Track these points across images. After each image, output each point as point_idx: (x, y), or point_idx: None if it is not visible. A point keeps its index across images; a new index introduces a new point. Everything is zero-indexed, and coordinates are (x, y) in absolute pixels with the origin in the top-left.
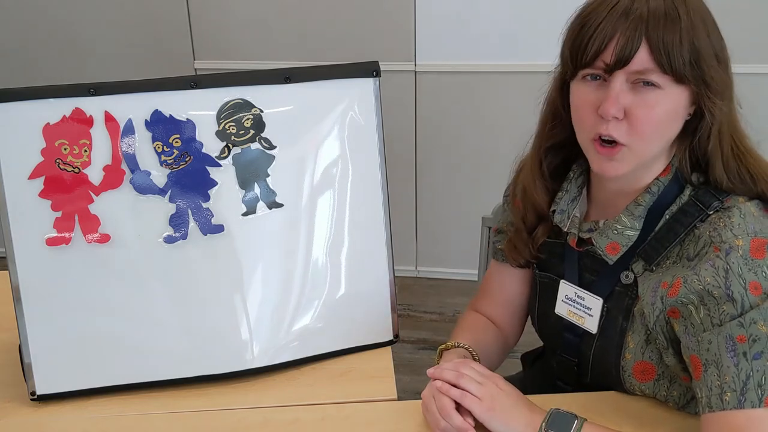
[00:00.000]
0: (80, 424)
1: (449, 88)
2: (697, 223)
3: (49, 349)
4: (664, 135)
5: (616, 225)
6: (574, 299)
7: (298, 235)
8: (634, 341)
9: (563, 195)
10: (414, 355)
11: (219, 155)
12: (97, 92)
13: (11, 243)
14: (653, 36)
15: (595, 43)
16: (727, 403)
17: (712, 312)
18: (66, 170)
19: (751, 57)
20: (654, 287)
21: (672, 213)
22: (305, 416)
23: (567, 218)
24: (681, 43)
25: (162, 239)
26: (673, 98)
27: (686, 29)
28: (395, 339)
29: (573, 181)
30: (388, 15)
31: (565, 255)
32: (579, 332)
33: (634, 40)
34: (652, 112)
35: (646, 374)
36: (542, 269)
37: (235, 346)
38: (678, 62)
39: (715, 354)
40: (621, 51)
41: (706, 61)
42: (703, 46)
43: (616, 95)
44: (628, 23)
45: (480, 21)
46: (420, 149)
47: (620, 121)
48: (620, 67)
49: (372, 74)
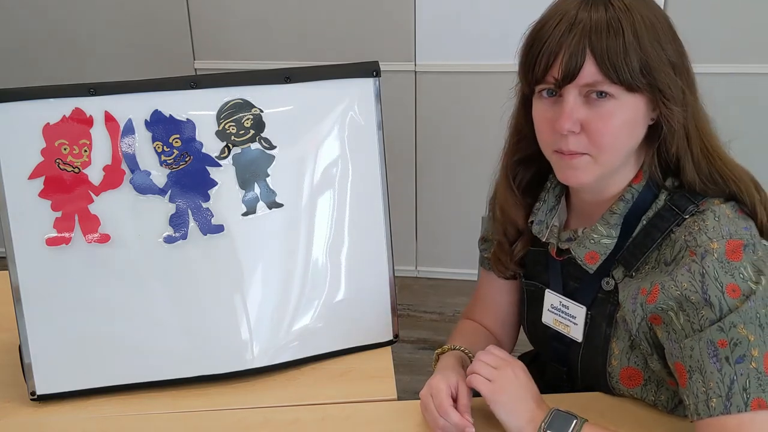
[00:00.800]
0: (80, 424)
1: (449, 88)
2: (674, 228)
3: (49, 349)
4: (625, 144)
5: (593, 234)
6: (559, 308)
7: (298, 235)
8: (619, 347)
9: (541, 205)
10: (414, 355)
11: (219, 155)
12: (97, 92)
13: (11, 243)
14: (597, 48)
15: (543, 59)
16: (713, 410)
17: (692, 318)
18: (66, 170)
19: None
20: (633, 294)
21: (648, 218)
22: (305, 416)
23: (546, 228)
24: (626, 52)
25: (162, 239)
26: (628, 107)
27: (631, 38)
28: (395, 339)
29: (550, 191)
30: (388, 15)
31: (549, 263)
32: (566, 341)
33: (578, 53)
34: (609, 123)
35: (633, 380)
36: (528, 278)
37: (235, 346)
38: (625, 71)
39: (698, 360)
40: (567, 65)
41: (657, 68)
42: (652, 54)
43: (570, 110)
44: (572, 37)
45: (480, 21)
46: (420, 149)
47: (578, 135)
48: (569, 82)
49: (372, 74)
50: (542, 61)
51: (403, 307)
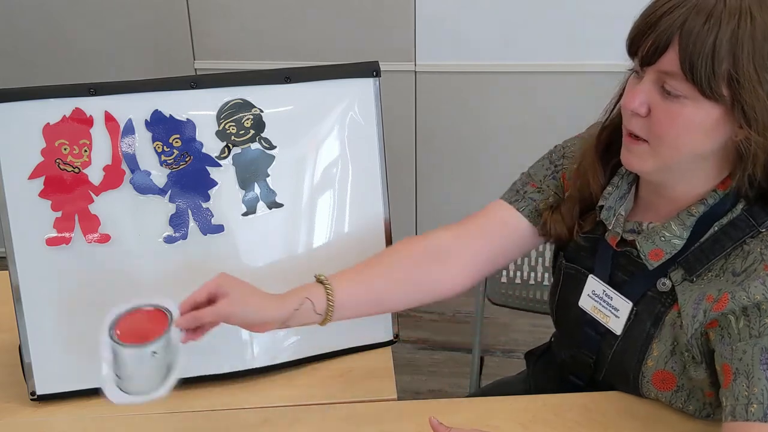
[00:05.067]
0: (80, 424)
1: (449, 88)
2: (747, 239)
3: (49, 349)
4: (688, 146)
5: (664, 232)
6: (601, 296)
7: (298, 235)
8: (659, 349)
9: (613, 191)
10: (414, 355)
11: (219, 155)
12: (97, 92)
13: (11, 243)
14: (685, 38)
15: (638, 32)
16: (752, 414)
17: (752, 323)
18: (66, 170)
19: None
20: (697, 300)
21: (721, 225)
22: (305, 416)
23: (613, 215)
24: (715, 54)
25: (162, 239)
26: (699, 112)
27: (725, 42)
28: (395, 339)
29: (624, 177)
30: (388, 15)
31: (599, 250)
32: (601, 330)
33: (665, 38)
34: (674, 120)
35: (666, 383)
36: (570, 260)
37: (236, 345)
38: (702, 73)
39: (747, 364)
40: (651, 46)
41: (747, 86)
42: (747, 68)
43: (640, 91)
44: (669, 19)
45: (480, 21)
46: (420, 149)
47: (643, 119)
48: (647, 63)
49: (372, 74)
50: (637, 34)
51: None
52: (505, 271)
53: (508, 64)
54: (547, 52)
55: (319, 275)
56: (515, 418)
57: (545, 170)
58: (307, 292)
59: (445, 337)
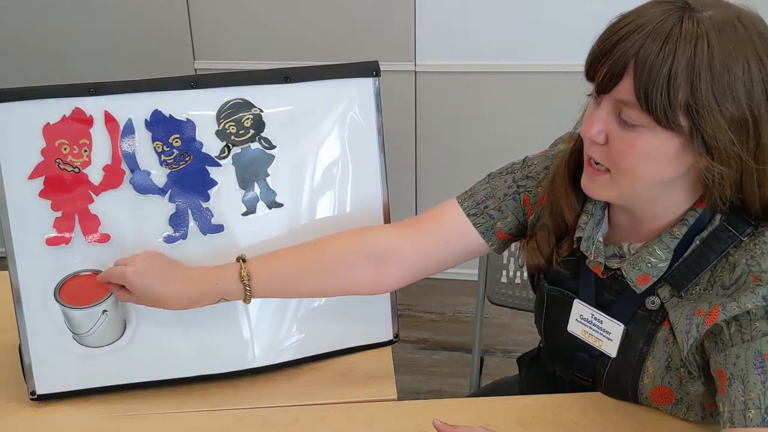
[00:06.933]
0: (80, 424)
1: (449, 88)
2: (730, 249)
3: (49, 349)
4: (648, 174)
5: (650, 258)
6: (590, 321)
7: (298, 235)
8: (654, 366)
9: (588, 219)
10: (414, 355)
11: (219, 155)
12: (97, 92)
13: (11, 243)
14: (639, 66)
15: (594, 58)
16: (750, 420)
17: (744, 328)
18: (66, 170)
19: None
20: (689, 315)
21: (702, 239)
22: (305, 416)
23: (592, 245)
24: (670, 81)
25: (162, 239)
26: (657, 142)
27: (681, 70)
28: (395, 339)
29: (597, 203)
30: (388, 15)
31: (581, 273)
32: (595, 353)
33: (620, 65)
34: (630, 149)
35: (665, 398)
36: (552, 282)
37: (236, 345)
38: (657, 102)
39: (741, 369)
40: (605, 75)
41: (707, 114)
42: (705, 97)
43: (597, 119)
44: (623, 46)
45: (480, 21)
46: (420, 149)
47: (602, 146)
48: (603, 91)
49: (372, 74)
50: (593, 61)
51: (403, 307)
52: (505, 271)
53: (508, 64)
54: (547, 53)
55: (242, 255)
56: (515, 418)
57: (507, 188)
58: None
59: (445, 337)
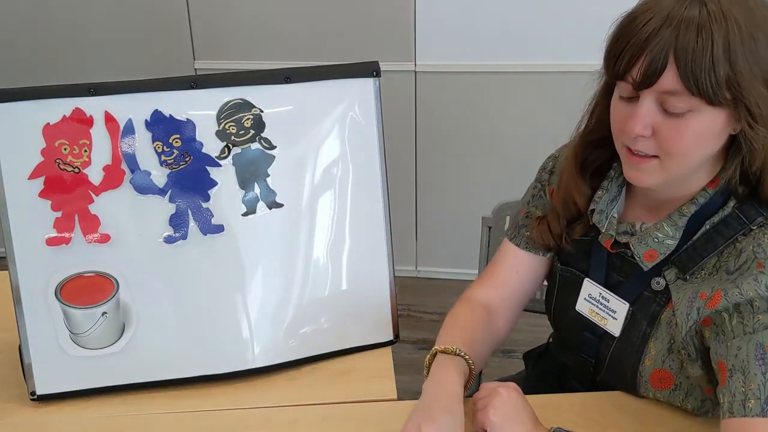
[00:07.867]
0: (80, 424)
1: (449, 88)
2: (739, 237)
3: (49, 349)
4: (696, 154)
5: (657, 233)
6: (598, 299)
7: (298, 235)
8: (656, 348)
9: (603, 194)
10: (414, 355)
11: (219, 155)
12: (97, 92)
13: (11, 243)
14: (682, 56)
15: (626, 56)
16: (749, 410)
17: (746, 320)
18: (66, 170)
19: None
20: (690, 298)
21: (713, 224)
22: (305, 416)
23: (605, 219)
24: (713, 64)
25: (162, 239)
26: (706, 119)
27: (720, 51)
28: (395, 339)
29: (614, 180)
30: (388, 15)
31: (593, 253)
32: (599, 332)
33: (661, 58)
34: (682, 135)
35: (664, 383)
36: (565, 263)
37: (236, 345)
38: (707, 85)
39: (743, 361)
40: (647, 69)
41: (747, 84)
42: (743, 68)
43: (643, 114)
44: (658, 39)
45: (480, 21)
46: (420, 149)
47: (648, 138)
48: (646, 86)
49: (372, 74)
50: (625, 58)
51: (403, 307)
52: None
53: (508, 64)
54: (547, 52)
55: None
56: None
57: (531, 195)
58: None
59: None
